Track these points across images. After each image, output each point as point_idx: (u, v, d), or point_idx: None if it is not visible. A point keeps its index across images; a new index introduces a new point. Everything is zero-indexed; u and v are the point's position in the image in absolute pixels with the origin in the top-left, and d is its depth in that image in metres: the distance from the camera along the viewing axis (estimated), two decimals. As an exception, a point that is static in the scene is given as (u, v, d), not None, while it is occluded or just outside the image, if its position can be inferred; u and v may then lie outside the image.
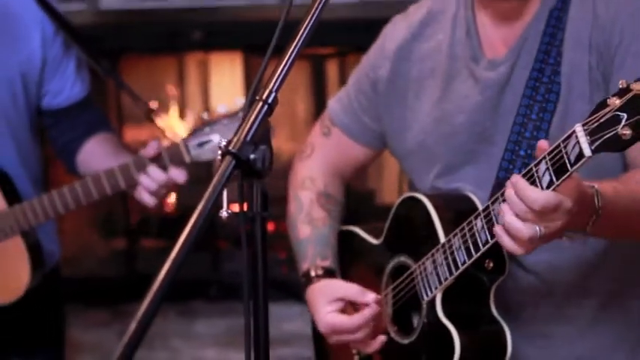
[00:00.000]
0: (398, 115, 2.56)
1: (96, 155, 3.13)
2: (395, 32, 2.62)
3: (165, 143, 2.81)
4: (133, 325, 1.53)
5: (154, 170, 2.78)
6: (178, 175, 2.79)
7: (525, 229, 2.03)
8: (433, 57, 2.51)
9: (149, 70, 5.12)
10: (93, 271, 4.82)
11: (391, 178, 4.97)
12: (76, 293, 4.65)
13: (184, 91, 5.13)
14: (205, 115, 2.79)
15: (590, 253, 2.36)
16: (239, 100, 2.86)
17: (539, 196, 2.01)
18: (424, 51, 2.53)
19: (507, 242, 2.08)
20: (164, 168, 2.77)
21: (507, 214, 2.05)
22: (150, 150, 2.79)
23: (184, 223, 1.60)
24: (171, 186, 2.81)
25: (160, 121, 3.24)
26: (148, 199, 2.84)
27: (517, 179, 2.02)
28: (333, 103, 2.72)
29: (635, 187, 2.21)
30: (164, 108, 5.13)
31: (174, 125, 5.11)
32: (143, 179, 2.80)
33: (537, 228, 2.02)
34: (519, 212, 2.03)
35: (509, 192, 2.03)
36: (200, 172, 2.95)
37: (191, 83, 5.13)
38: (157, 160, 2.75)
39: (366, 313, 2.48)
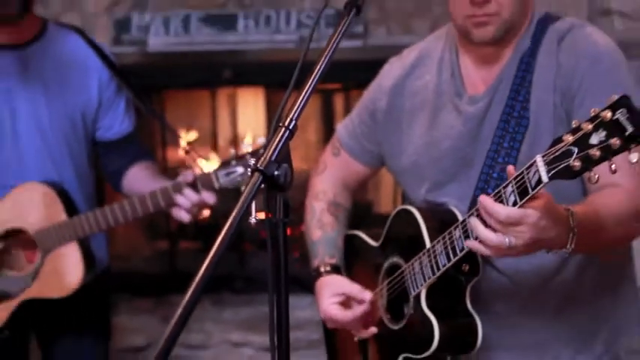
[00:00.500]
0: (394, 140, 2.57)
1: (138, 180, 3.17)
2: (391, 71, 2.63)
3: (200, 172, 2.85)
4: (179, 311, 1.56)
5: (189, 193, 2.84)
6: (209, 197, 2.86)
7: (494, 238, 2.04)
8: (423, 92, 2.52)
9: (188, 101, 5.13)
10: (140, 267, 4.82)
11: (387, 191, 4.96)
12: (126, 285, 4.68)
13: (216, 120, 5.13)
14: (233, 151, 2.84)
15: (551, 261, 2.35)
16: (260, 139, 2.89)
17: (503, 210, 2.02)
18: (415, 87, 2.54)
19: (479, 247, 2.11)
20: (197, 191, 2.81)
21: (479, 227, 2.06)
22: (187, 177, 2.84)
23: (216, 229, 1.62)
24: (202, 206, 2.86)
25: (191, 149, 3.28)
26: (184, 216, 2.89)
27: (484, 198, 2.05)
28: (341, 129, 2.74)
29: (601, 207, 2.20)
30: (200, 133, 5.14)
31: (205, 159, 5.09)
32: (180, 199, 2.86)
33: (506, 239, 2.01)
34: (489, 224, 2.05)
35: (480, 209, 2.06)
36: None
37: (222, 113, 5.12)
38: (192, 185, 2.80)
39: (356, 312, 2.51)
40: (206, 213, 4.45)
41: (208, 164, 4.02)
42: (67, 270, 3.07)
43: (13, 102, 3.10)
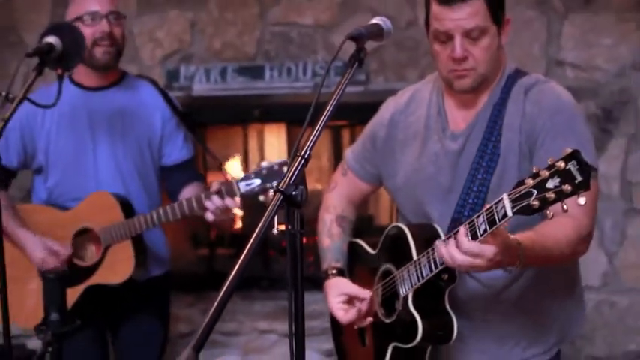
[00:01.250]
0: (390, 164, 2.58)
1: (189, 195, 3.18)
2: (389, 107, 2.64)
3: (224, 182, 2.87)
4: (215, 305, 1.57)
5: (215, 198, 2.86)
6: (231, 202, 2.91)
7: (459, 260, 2.05)
8: (415, 125, 2.53)
9: (225, 136, 5.14)
10: (185, 268, 4.82)
11: (385, 206, 4.94)
12: (174, 283, 4.65)
13: (247, 150, 5.13)
14: (253, 167, 2.89)
15: (500, 276, 2.37)
16: (277, 161, 2.92)
17: (465, 243, 2.04)
18: (408, 122, 2.54)
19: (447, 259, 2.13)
20: (222, 198, 2.85)
21: (442, 249, 2.08)
22: (214, 186, 2.88)
23: (246, 238, 1.63)
24: (225, 209, 2.88)
25: (229, 171, 3.33)
26: (210, 217, 2.91)
27: (460, 232, 2.06)
28: (348, 153, 2.75)
29: (549, 236, 2.19)
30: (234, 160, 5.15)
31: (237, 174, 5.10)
32: (208, 204, 2.90)
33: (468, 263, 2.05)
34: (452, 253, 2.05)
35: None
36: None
37: (252, 145, 5.13)
38: (218, 193, 2.83)
39: (355, 314, 2.53)
40: (238, 225, 4.47)
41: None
42: (122, 262, 3.12)
43: (95, 131, 3.16)
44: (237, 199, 2.93)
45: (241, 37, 4.63)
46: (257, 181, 2.89)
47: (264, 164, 2.90)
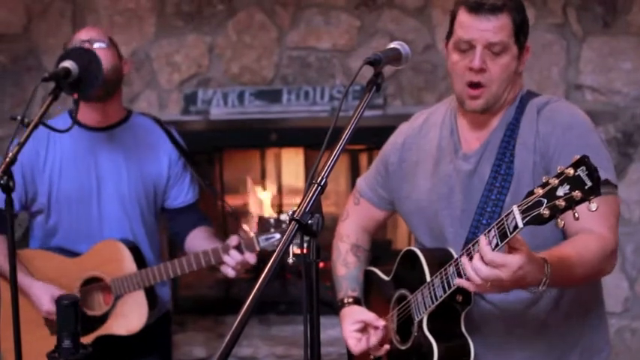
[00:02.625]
0: (403, 186, 2.56)
1: (197, 241, 3.15)
2: (402, 132, 2.63)
3: (244, 236, 2.85)
4: (232, 330, 1.53)
5: (234, 253, 2.82)
6: (250, 257, 2.86)
7: (477, 279, 2.02)
8: (427, 147, 2.50)
9: (242, 159, 5.13)
10: (203, 293, 4.79)
11: (403, 230, 4.90)
12: (192, 307, 4.65)
13: (265, 173, 5.12)
14: (272, 220, 2.84)
15: (528, 294, 2.30)
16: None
17: (489, 253, 2.01)
18: (421, 144, 2.52)
19: (466, 284, 2.08)
20: (241, 252, 2.81)
21: (468, 266, 2.03)
22: (233, 241, 2.84)
23: (263, 264, 1.59)
24: (244, 264, 2.86)
25: (246, 225, 3.27)
26: (230, 272, 2.89)
27: (482, 241, 2.01)
28: (360, 181, 2.74)
29: (574, 254, 2.16)
30: (254, 183, 5.13)
31: (256, 200, 5.08)
32: (227, 259, 2.85)
33: (488, 283, 2.01)
34: (475, 266, 1.99)
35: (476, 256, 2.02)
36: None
37: (269, 168, 5.12)
38: (237, 247, 2.79)
39: (368, 343, 2.48)
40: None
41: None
42: (134, 313, 3.06)
43: (100, 172, 3.10)
44: (255, 254, 2.89)
45: (259, 61, 4.62)
46: (277, 236, 2.84)
47: (283, 217, 2.86)
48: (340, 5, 4.57)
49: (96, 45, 3.02)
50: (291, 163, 5.09)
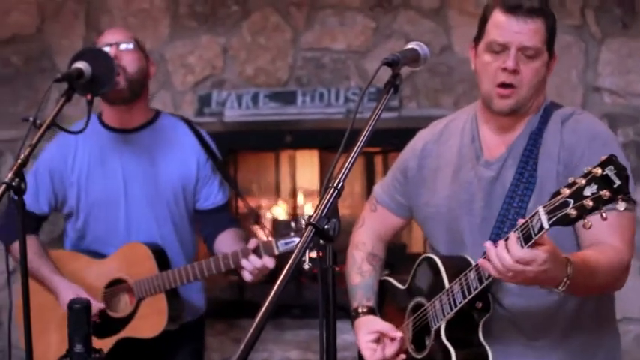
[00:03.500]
0: (421, 193, 2.53)
1: (225, 243, 3.14)
2: (421, 138, 2.61)
3: (263, 239, 2.82)
4: (248, 334, 1.50)
5: (252, 257, 2.80)
6: (269, 262, 2.84)
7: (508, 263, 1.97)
8: (447, 154, 2.47)
9: (256, 161, 5.11)
10: (216, 295, 4.77)
11: (418, 234, 4.87)
12: (206, 310, 4.61)
13: (279, 176, 5.09)
14: (293, 224, 2.81)
15: (552, 301, 2.29)
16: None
17: (516, 252, 1.98)
18: (441, 150, 2.49)
19: (487, 265, 2.05)
20: (260, 256, 2.79)
21: (492, 254, 1.99)
22: (252, 244, 2.82)
23: (278, 268, 1.57)
24: (263, 269, 2.83)
25: (264, 224, 3.25)
26: (248, 277, 2.86)
27: (490, 246, 2.02)
28: (377, 188, 2.71)
29: (594, 261, 2.14)
30: (266, 187, 5.11)
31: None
32: (245, 263, 2.83)
33: (510, 272, 1.97)
34: (497, 266, 1.99)
35: (489, 253, 1.99)
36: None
37: (284, 171, 5.10)
38: (256, 251, 2.77)
39: (386, 353, 2.44)
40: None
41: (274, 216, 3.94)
42: (154, 315, 3.04)
43: (126, 174, 3.10)
44: (273, 259, 2.85)
45: (273, 63, 4.60)
46: (296, 240, 2.81)
47: (304, 221, 2.84)
48: (355, 6, 4.54)
49: (122, 47, 3.03)
50: (306, 166, 5.07)
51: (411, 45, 2.03)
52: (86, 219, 3.15)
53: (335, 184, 1.65)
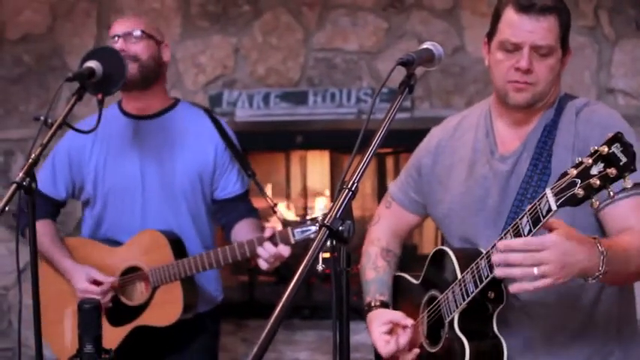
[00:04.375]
0: (436, 190, 2.51)
1: (242, 233, 3.13)
2: (435, 134, 2.60)
3: (279, 229, 2.82)
4: (262, 337, 1.49)
5: (268, 245, 2.79)
6: (284, 250, 2.83)
7: (519, 272, 1.93)
8: (461, 150, 2.45)
9: (267, 162, 5.10)
10: (226, 296, 4.73)
11: (429, 235, 4.86)
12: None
13: (290, 176, 5.08)
14: (309, 215, 2.81)
15: (566, 297, 2.25)
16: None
17: (520, 239, 1.96)
18: (455, 146, 2.47)
19: (504, 270, 2.01)
20: (276, 245, 2.78)
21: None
22: (268, 232, 2.82)
23: (287, 265, 1.55)
24: (278, 257, 2.82)
25: (277, 210, 3.26)
26: (263, 265, 2.85)
27: (499, 243, 1.98)
28: (392, 186, 2.70)
29: (623, 241, 2.12)
30: (277, 187, 5.09)
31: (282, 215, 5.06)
32: (260, 251, 2.82)
33: (534, 269, 1.92)
34: (511, 261, 1.96)
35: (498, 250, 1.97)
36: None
37: (294, 171, 5.09)
38: (272, 239, 2.76)
39: (399, 344, 2.43)
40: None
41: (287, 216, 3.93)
42: (170, 304, 3.02)
43: (144, 161, 3.09)
44: (289, 248, 2.83)
45: (285, 63, 4.59)
46: (312, 228, 2.79)
47: (321, 213, 2.83)
48: (367, 6, 4.52)
49: (130, 35, 3.04)
50: (317, 167, 5.05)
51: (426, 45, 2.02)
52: (103, 206, 3.15)
53: (349, 186, 1.63)
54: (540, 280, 1.94)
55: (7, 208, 2.27)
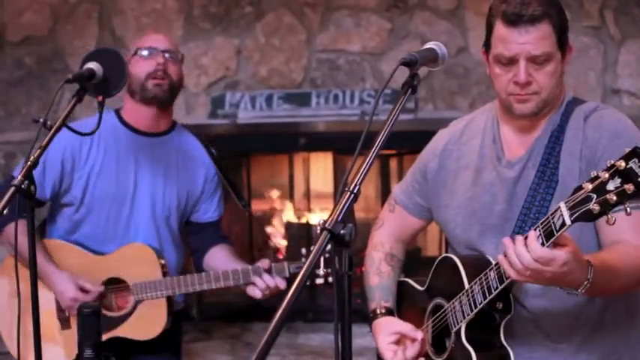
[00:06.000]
0: (441, 195, 2.47)
1: (217, 259, 3.14)
2: (441, 138, 2.55)
3: (275, 263, 2.85)
4: (263, 339, 1.47)
5: (266, 277, 2.82)
6: (280, 282, 2.86)
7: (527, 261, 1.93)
8: (468, 155, 2.41)
9: (270, 163, 5.09)
10: (229, 300, 4.73)
11: (433, 238, 4.84)
12: (217, 314, 4.60)
13: (293, 178, 5.06)
14: (304, 251, 2.84)
15: (573, 305, 2.21)
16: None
17: (536, 251, 1.92)
18: (462, 151, 2.43)
19: (506, 266, 1.99)
20: (272, 276, 2.80)
21: (510, 251, 1.94)
22: (265, 264, 2.86)
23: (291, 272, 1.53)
24: (274, 289, 2.83)
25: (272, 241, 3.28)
26: (257, 294, 2.88)
27: (508, 241, 1.96)
28: (396, 189, 2.66)
29: (616, 261, 2.09)
30: (280, 189, 5.07)
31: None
32: (257, 281, 2.86)
33: (528, 271, 1.93)
34: (515, 264, 1.94)
35: (508, 250, 1.94)
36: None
37: (297, 173, 5.06)
38: (268, 271, 2.76)
39: (407, 354, 2.39)
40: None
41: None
42: (153, 319, 3.02)
43: (139, 176, 3.09)
44: (285, 281, 2.85)
45: (288, 64, 4.57)
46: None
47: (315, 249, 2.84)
48: (371, 7, 4.50)
49: (168, 56, 3.06)
50: (320, 168, 5.02)
51: (429, 45, 1.99)
52: (87, 211, 3.11)
53: (351, 188, 1.61)
54: (523, 277, 1.97)
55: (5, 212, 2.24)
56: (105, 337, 3.01)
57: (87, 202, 3.11)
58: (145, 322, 3.03)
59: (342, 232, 1.53)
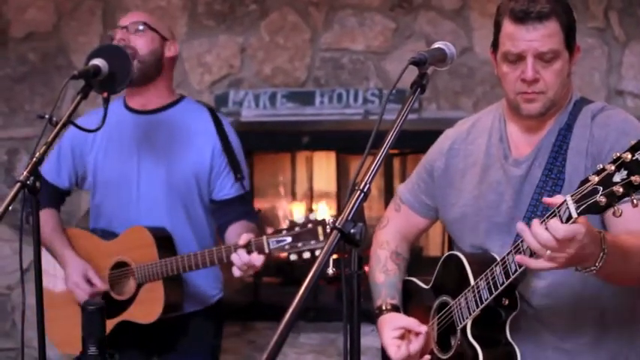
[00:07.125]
0: (448, 193, 2.48)
1: (233, 235, 3.12)
2: (448, 137, 2.57)
3: (255, 237, 2.78)
4: (272, 342, 1.45)
5: (242, 253, 2.76)
6: (257, 259, 2.80)
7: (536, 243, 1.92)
8: (475, 154, 2.41)
9: (273, 162, 5.08)
10: (231, 297, 4.71)
11: (436, 238, 4.83)
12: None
13: (296, 177, 5.05)
14: (286, 224, 2.77)
15: (578, 304, 2.22)
16: (313, 217, 2.78)
17: (561, 227, 1.89)
18: (468, 150, 2.43)
19: (526, 260, 1.99)
20: (249, 253, 2.75)
21: (527, 234, 1.93)
22: (243, 239, 2.79)
23: (293, 266, 1.52)
24: (251, 266, 2.74)
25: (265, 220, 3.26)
26: (236, 272, 2.84)
27: (534, 223, 1.94)
28: (402, 187, 2.67)
29: (625, 240, 2.10)
30: (283, 188, 5.06)
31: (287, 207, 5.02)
32: (234, 257, 2.79)
33: (547, 250, 1.90)
34: (535, 247, 1.92)
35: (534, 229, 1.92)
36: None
37: (300, 172, 5.05)
38: (247, 247, 2.73)
39: (411, 349, 2.38)
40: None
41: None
42: (151, 302, 3.04)
43: (141, 156, 3.09)
44: (262, 257, 2.79)
45: (292, 63, 4.56)
46: (288, 239, 2.75)
47: (298, 219, 2.77)
48: (375, 6, 4.49)
49: (132, 29, 3.04)
50: (323, 167, 5.01)
51: (438, 44, 2.01)
52: (102, 197, 3.17)
53: (361, 187, 1.60)
54: (547, 262, 1.94)
55: (10, 208, 2.24)
56: (114, 322, 3.04)
57: (98, 188, 3.15)
58: (145, 305, 3.05)
59: (352, 231, 1.53)
